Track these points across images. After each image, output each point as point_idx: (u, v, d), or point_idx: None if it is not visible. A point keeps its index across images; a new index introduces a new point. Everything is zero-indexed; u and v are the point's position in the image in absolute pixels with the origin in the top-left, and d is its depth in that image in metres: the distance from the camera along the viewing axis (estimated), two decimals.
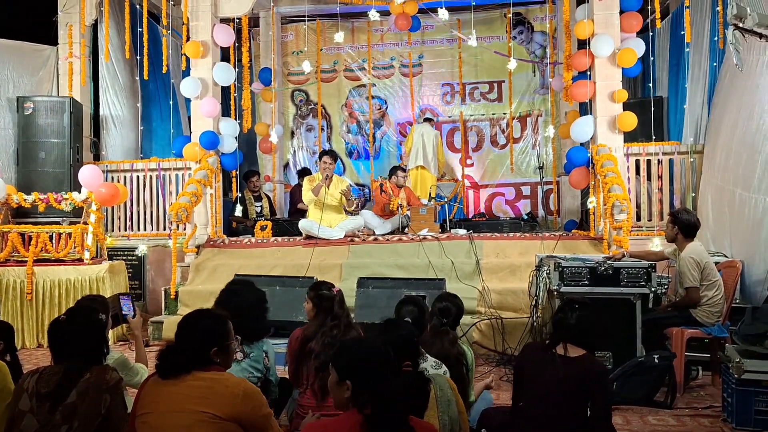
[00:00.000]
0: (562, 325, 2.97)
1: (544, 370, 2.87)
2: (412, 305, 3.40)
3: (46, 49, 8.41)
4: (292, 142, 10.64)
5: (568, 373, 2.83)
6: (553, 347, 2.93)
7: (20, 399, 2.64)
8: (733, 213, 5.97)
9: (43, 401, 2.60)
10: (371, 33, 10.32)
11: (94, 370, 2.69)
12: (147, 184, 8.15)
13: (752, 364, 3.86)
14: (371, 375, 2.12)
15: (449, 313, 3.56)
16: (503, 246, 6.92)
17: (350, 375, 2.13)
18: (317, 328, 3.46)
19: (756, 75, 5.66)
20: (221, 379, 2.45)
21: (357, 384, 2.11)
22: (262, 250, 7.29)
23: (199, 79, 7.67)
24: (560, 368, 2.84)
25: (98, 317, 2.94)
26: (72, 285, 6.57)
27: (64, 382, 2.63)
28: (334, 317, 3.47)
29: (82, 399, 2.61)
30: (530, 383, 2.91)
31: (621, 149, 7.02)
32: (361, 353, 2.20)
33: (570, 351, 2.90)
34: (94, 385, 2.64)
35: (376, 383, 2.11)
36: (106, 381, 2.67)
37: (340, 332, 3.40)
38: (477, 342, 5.92)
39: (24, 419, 2.60)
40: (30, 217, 7.00)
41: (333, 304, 3.52)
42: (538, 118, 9.98)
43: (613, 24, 6.99)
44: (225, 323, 2.65)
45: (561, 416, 2.83)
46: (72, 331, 2.77)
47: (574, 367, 2.84)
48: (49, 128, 7.38)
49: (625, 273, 4.63)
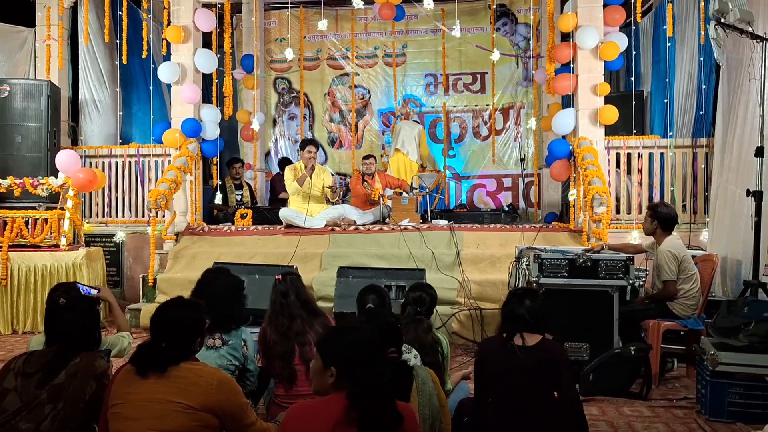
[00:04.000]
0: (513, 315, 3.00)
1: (506, 363, 2.90)
2: (373, 294, 3.43)
3: (23, 30, 8.27)
4: (273, 130, 10.56)
5: (530, 361, 2.87)
6: (510, 339, 2.95)
7: (5, 378, 2.64)
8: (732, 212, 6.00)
9: (29, 378, 2.60)
10: (355, 21, 10.25)
11: (84, 356, 2.70)
12: (126, 170, 8.05)
13: (726, 356, 3.91)
14: (358, 362, 2.13)
15: (423, 302, 3.59)
16: (484, 237, 6.94)
17: (335, 362, 2.14)
18: (268, 320, 3.47)
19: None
20: (195, 369, 2.44)
21: (342, 370, 2.12)
22: (242, 239, 7.24)
23: (179, 64, 7.58)
24: (521, 358, 2.87)
25: (95, 306, 2.97)
26: (48, 271, 6.49)
27: (54, 363, 2.64)
28: (281, 306, 3.44)
29: (70, 381, 2.61)
30: (495, 377, 2.93)
31: (602, 142, 7.07)
32: (348, 341, 2.20)
33: (527, 339, 2.93)
34: (83, 370, 2.65)
35: (364, 370, 2.11)
36: (95, 368, 2.68)
37: (285, 320, 3.36)
38: (456, 332, 5.94)
39: (7, 396, 2.58)
40: (5, 202, 6.89)
41: (273, 293, 3.52)
42: (521, 110, 9.99)
43: (597, 17, 7.01)
44: (202, 310, 2.63)
45: (531, 405, 2.86)
46: (71, 316, 2.79)
47: (534, 354, 2.89)
48: (25, 112, 7.24)
49: (604, 265, 4.66)
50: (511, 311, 3.01)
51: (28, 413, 2.55)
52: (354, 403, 2.06)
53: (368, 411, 2.05)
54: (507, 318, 3.04)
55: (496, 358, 2.95)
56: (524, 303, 3.00)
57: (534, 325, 2.97)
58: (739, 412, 3.88)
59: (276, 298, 3.48)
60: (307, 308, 3.47)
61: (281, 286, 3.51)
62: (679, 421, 3.95)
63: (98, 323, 2.98)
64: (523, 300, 3.02)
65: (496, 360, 2.95)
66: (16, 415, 2.55)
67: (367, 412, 2.05)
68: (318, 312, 3.54)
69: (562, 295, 4.66)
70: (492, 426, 2.89)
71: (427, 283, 3.88)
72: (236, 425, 2.46)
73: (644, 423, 3.89)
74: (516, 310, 2.99)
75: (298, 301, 3.45)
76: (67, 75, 8.31)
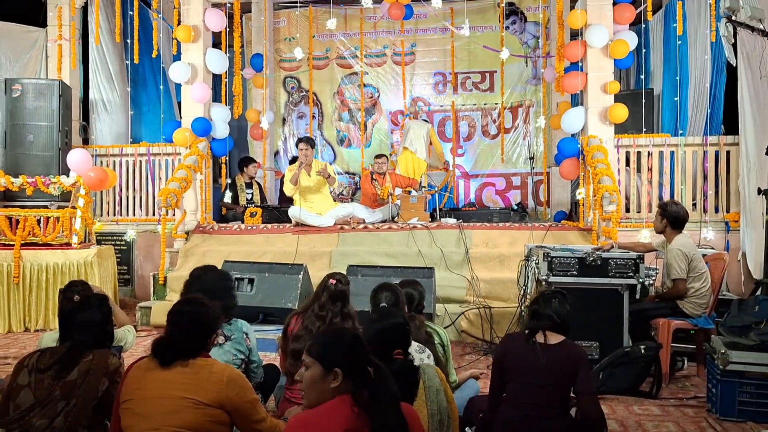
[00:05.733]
0: (539, 314, 3.02)
1: (527, 359, 2.91)
2: (388, 291, 3.38)
3: (35, 31, 8.32)
4: (283, 129, 10.58)
5: (550, 360, 2.88)
6: (533, 336, 2.97)
7: (19, 374, 2.68)
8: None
9: (42, 375, 2.64)
10: (364, 20, 10.25)
11: (97, 354, 2.74)
12: (136, 169, 8.11)
13: (737, 355, 3.89)
14: (365, 359, 2.07)
15: (412, 299, 3.58)
16: (492, 236, 6.93)
17: (342, 362, 2.05)
18: (303, 314, 3.44)
19: None
20: (206, 365, 2.46)
21: (349, 371, 2.03)
22: (252, 237, 7.27)
23: (190, 64, 7.62)
24: (541, 355, 2.89)
25: (109, 305, 3.00)
26: (59, 269, 6.53)
27: (67, 359, 2.68)
28: (321, 307, 3.40)
29: (84, 378, 2.66)
30: (514, 373, 2.95)
31: (611, 141, 7.05)
32: (348, 340, 2.13)
33: (550, 338, 2.96)
34: (95, 367, 2.69)
35: (373, 368, 2.06)
36: (107, 365, 2.72)
37: (323, 325, 3.31)
38: (465, 331, 5.95)
39: (21, 393, 2.62)
40: (18, 201, 6.96)
41: (321, 291, 3.46)
42: (530, 108, 9.96)
43: (606, 15, 6.99)
44: (215, 308, 2.66)
45: (547, 402, 2.87)
46: (87, 314, 2.83)
47: (555, 354, 2.90)
48: (37, 111, 7.31)
49: (614, 264, 4.65)
50: (538, 309, 3.03)
51: (41, 409, 2.59)
52: (363, 406, 1.98)
53: (379, 414, 1.98)
54: (533, 315, 3.05)
55: (516, 352, 2.97)
56: (552, 303, 3.01)
57: (558, 326, 2.98)
58: (750, 411, 3.86)
59: (324, 301, 3.42)
60: (336, 317, 3.41)
61: (334, 288, 3.44)
62: (689, 420, 3.93)
63: (111, 320, 3.01)
64: (551, 300, 3.03)
65: (516, 355, 2.97)
66: (29, 411, 2.59)
67: (379, 416, 1.97)
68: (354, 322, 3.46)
69: (572, 293, 4.56)
70: (504, 419, 2.90)
71: (414, 280, 3.80)
72: (246, 421, 2.48)
73: (654, 422, 3.88)
74: (542, 309, 3.01)
75: (341, 313, 3.41)
76: (78, 75, 8.37)
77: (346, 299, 3.48)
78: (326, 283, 3.46)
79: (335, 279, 3.48)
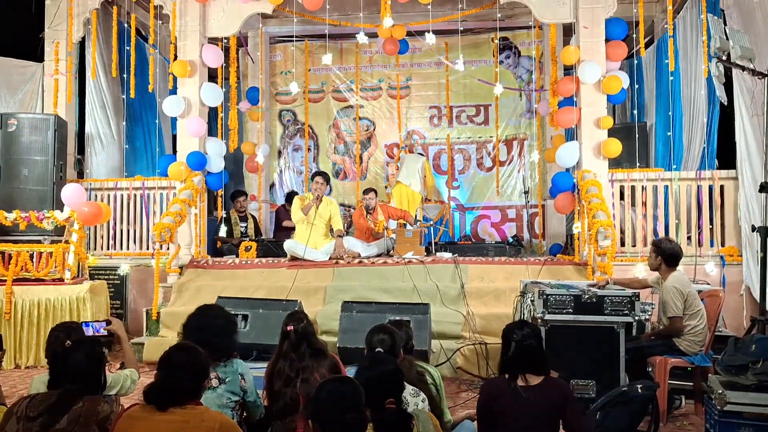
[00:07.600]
0: (513, 359, 3.00)
1: (512, 404, 2.89)
2: (383, 334, 3.32)
3: (31, 65, 8.37)
4: (278, 162, 10.62)
5: (535, 402, 2.87)
6: (513, 381, 2.95)
7: (8, 422, 2.63)
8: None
9: (31, 422, 2.58)
10: (359, 54, 10.35)
11: (87, 400, 2.68)
12: (131, 203, 8.08)
13: (735, 395, 3.85)
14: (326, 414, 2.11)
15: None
16: (488, 270, 6.91)
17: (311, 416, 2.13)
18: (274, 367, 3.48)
19: None
20: (197, 413, 2.44)
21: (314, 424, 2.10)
22: (246, 272, 7.23)
23: (185, 98, 7.65)
24: (525, 399, 2.87)
25: (102, 349, 2.97)
26: (52, 305, 6.47)
27: (57, 407, 2.62)
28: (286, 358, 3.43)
29: (72, 427, 2.60)
30: (501, 419, 2.91)
31: (606, 175, 7.07)
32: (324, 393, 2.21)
33: (530, 380, 2.94)
34: (85, 415, 2.63)
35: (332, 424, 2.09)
36: (97, 413, 2.67)
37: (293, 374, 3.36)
38: (461, 367, 5.89)
39: None
40: (11, 235, 6.89)
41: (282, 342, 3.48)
42: (524, 141, 10.03)
43: (599, 51, 7.06)
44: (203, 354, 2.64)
45: None
46: (77, 359, 2.77)
47: (539, 395, 2.89)
48: (32, 146, 7.29)
49: (609, 302, 4.62)
50: (510, 356, 3.01)
51: None
52: None
53: None
54: (507, 363, 3.03)
55: (500, 400, 2.93)
56: (520, 347, 2.98)
57: (534, 367, 2.96)
58: None
59: (287, 350, 3.43)
60: (316, 354, 3.43)
61: (294, 336, 3.45)
62: None
63: (103, 365, 2.96)
64: (519, 344, 3.00)
65: (500, 402, 2.93)
66: None
67: None
68: (327, 354, 3.49)
69: (568, 331, 4.61)
70: None
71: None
72: None
73: None
74: (516, 354, 2.98)
75: (309, 349, 3.42)
76: (74, 108, 8.38)
77: (311, 336, 3.49)
78: (284, 332, 3.47)
79: (291, 326, 3.47)
